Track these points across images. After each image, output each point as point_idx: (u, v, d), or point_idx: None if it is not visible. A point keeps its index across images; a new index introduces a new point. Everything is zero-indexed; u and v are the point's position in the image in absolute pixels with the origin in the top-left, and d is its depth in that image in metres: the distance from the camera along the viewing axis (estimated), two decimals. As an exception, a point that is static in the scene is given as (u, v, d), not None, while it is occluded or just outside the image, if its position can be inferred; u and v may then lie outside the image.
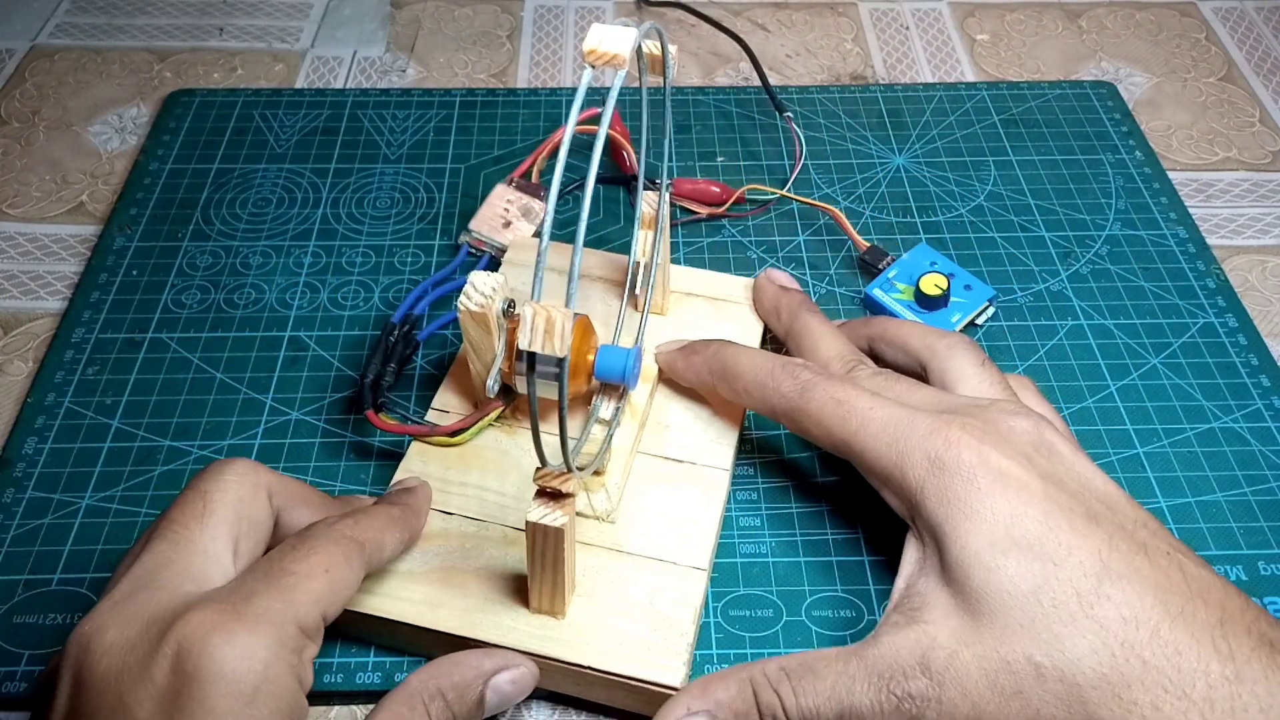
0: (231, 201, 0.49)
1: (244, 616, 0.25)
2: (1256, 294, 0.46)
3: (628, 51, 0.26)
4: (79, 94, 0.56)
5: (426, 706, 0.28)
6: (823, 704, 0.28)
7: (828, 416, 0.32)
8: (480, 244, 0.45)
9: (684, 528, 0.34)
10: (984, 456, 0.29)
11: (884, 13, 0.62)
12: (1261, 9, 0.62)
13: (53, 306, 0.45)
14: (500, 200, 0.46)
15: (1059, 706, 0.26)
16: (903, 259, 0.44)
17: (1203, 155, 0.53)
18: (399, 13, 0.62)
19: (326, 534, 0.29)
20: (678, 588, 0.33)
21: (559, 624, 0.32)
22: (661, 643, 0.31)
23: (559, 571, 0.30)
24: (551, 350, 0.24)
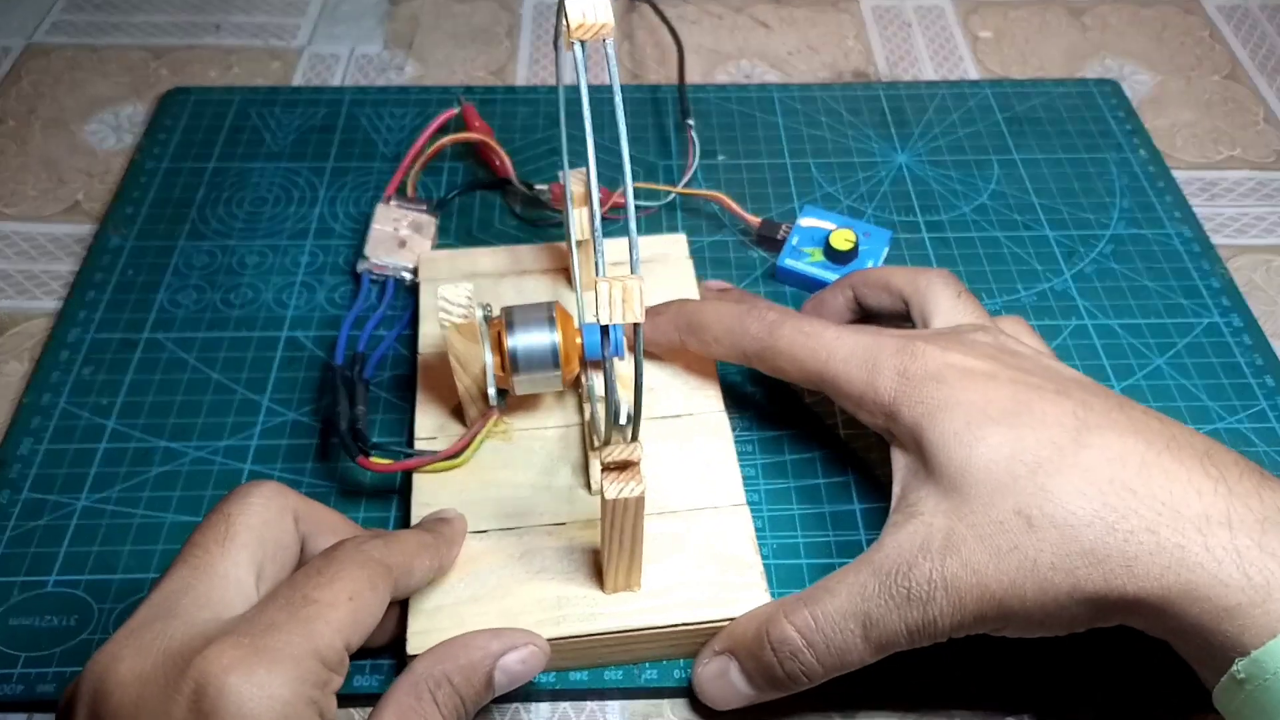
0: (228, 200, 0.48)
1: (263, 652, 0.24)
2: (1261, 293, 0.46)
3: (612, 17, 0.26)
4: (75, 92, 0.55)
5: (434, 694, 0.27)
6: (843, 620, 0.28)
7: (798, 350, 0.33)
8: (380, 269, 0.43)
9: (709, 472, 0.35)
10: (949, 359, 0.31)
11: (886, 9, 0.62)
12: (1266, 7, 0.62)
13: (48, 306, 0.45)
14: (387, 222, 0.44)
15: (1055, 552, 0.26)
16: (797, 225, 0.45)
17: (1207, 154, 0.53)
18: (397, 9, 0.61)
19: (353, 556, 0.28)
20: (728, 527, 0.34)
21: (638, 596, 0.32)
22: (737, 580, 0.33)
23: (637, 543, 0.30)
24: (632, 317, 0.25)
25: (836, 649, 0.29)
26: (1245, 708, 0.25)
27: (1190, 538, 0.25)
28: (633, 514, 0.29)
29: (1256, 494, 0.26)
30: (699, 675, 0.32)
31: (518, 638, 0.30)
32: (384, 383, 0.41)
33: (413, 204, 0.45)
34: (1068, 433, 0.28)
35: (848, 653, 0.29)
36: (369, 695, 0.33)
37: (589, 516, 0.34)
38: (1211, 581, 0.25)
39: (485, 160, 0.49)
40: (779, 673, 0.30)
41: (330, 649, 0.25)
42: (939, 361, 0.31)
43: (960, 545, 0.27)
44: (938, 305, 0.35)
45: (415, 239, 0.44)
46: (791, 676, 0.29)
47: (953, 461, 0.29)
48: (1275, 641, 0.24)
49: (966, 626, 0.28)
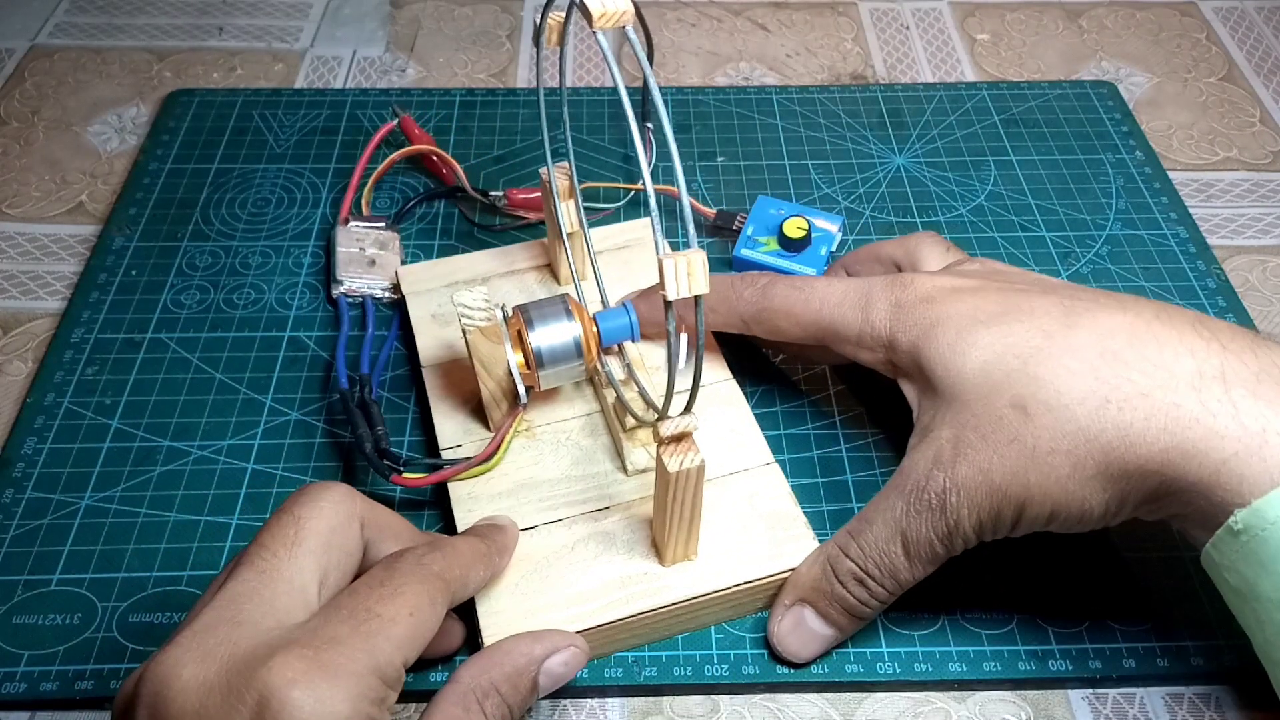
0: (231, 201, 0.49)
1: (327, 667, 0.24)
2: (1257, 294, 0.46)
3: (631, 4, 0.26)
4: (78, 94, 0.56)
5: (481, 704, 0.27)
6: (885, 543, 0.30)
7: (792, 304, 0.34)
8: (354, 291, 0.43)
9: (732, 438, 0.36)
10: (937, 282, 0.32)
11: (884, 12, 0.62)
12: (1262, 9, 0.62)
13: (52, 306, 0.45)
14: (350, 243, 0.44)
15: (1052, 435, 0.27)
16: (752, 215, 0.46)
17: (1203, 155, 0.53)
18: (399, 12, 0.62)
19: (414, 571, 0.27)
20: (764, 485, 0.35)
21: (695, 565, 0.33)
22: (786, 533, 0.34)
23: (697, 512, 0.31)
24: (698, 289, 0.25)
25: (888, 570, 0.30)
26: (1240, 561, 0.25)
27: (1184, 395, 0.25)
28: (694, 483, 0.30)
29: (1251, 351, 0.26)
30: (778, 632, 0.32)
31: (558, 640, 0.30)
32: (386, 383, 0.41)
33: (371, 222, 0.46)
34: (1056, 320, 0.28)
35: (898, 572, 0.30)
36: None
37: (631, 498, 0.35)
38: (1208, 434, 0.25)
39: (433, 170, 0.49)
40: (853, 603, 0.31)
41: (390, 665, 0.25)
42: (928, 285, 0.32)
43: (966, 449, 0.28)
44: (929, 259, 0.36)
45: (383, 256, 0.44)
46: (865, 603, 0.31)
47: (949, 372, 0.29)
48: (1277, 491, 0.24)
49: (990, 526, 0.29)
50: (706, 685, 0.33)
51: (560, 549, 0.34)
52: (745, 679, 0.33)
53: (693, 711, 0.33)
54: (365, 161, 0.47)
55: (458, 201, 0.48)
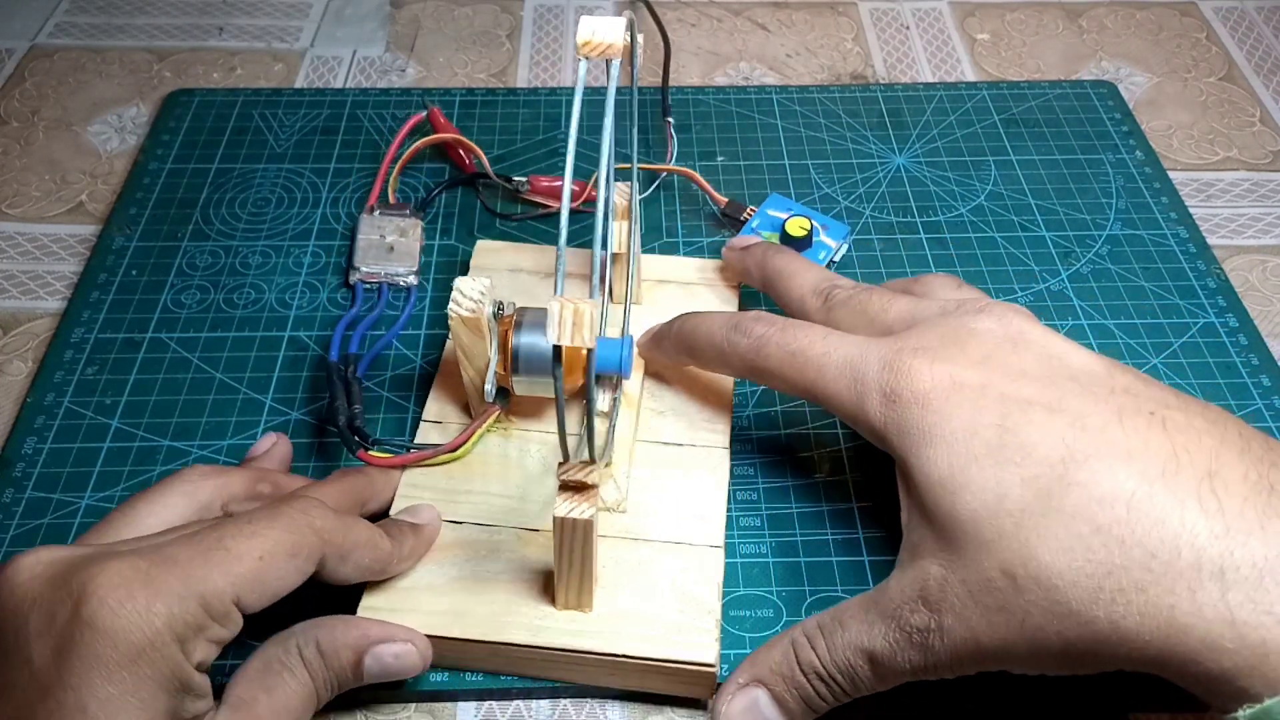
0: (231, 201, 0.49)
1: (152, 581, 0.25)
2: (1257, 294, 0.46)
3: (621, 40, 0.26)
4: (78, 94, 0.56)
5: (301, 651, 0.29)
6: (852, 653, 0.29)
7: (785, 370, 0.32)
8: (372, 277, 0.44)
9: (694, 508, 0.35)
10: (937, 377, 0.28)
11: (884, 12, 0.62)
12: (1262, 9, 0.62)
13: (52, 306, 0.45)
14: (372, 230, 0.45)
15: (1043, 613, 0.25)
16: (761, 209, 0.46)
17: (1203, 155, 0.53)
18: (399, 12, 0.62)
19: (288, 517, 0.28)
20: (698, 567, 0.33)
21: (587, 617, 0.32)
22: (691, 622, 0.32)
23: (587, 564, 0.30)
24: (582, 342, 0.25)
25: (850, 678, 0.29)
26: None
27: (1181, 596, 0.23)
28: (581, 536, 0.29)
29: (1259, 527, 0.23)
30: (727, 713, 0.30)
31: (398, 633, 0.30)
32: (385, 382, 0.41)
33: (395, 210, 0.46)
34: (1054, 469, 0.26)
35: (858, 684, 0.29)
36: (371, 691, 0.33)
37: None
38: (1202, 646, 0.23)
39: (456, 160, 0.50)
40: (810, 694, 0.30)
41: (218, 597, 0.26)
42: (925, 380, 0.29)
43: (954, 600, 0.27)
44: (938, 292, 0.35)
45: (402, 243, 0.44)
46: (823, 698, 0.30)
47: (940, 509, 0.27)
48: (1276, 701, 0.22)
49: (968, 670, 0.28)
50: (707, 685, 0.33)
51: (473, 554, 0.33)
52: (745, 679, 0.33)
53: (695, 714, 0.33)
54: (394, 150, 0.47)
55: (479, 191, 0.49)
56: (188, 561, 0.26)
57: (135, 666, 0.24)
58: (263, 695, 0.28)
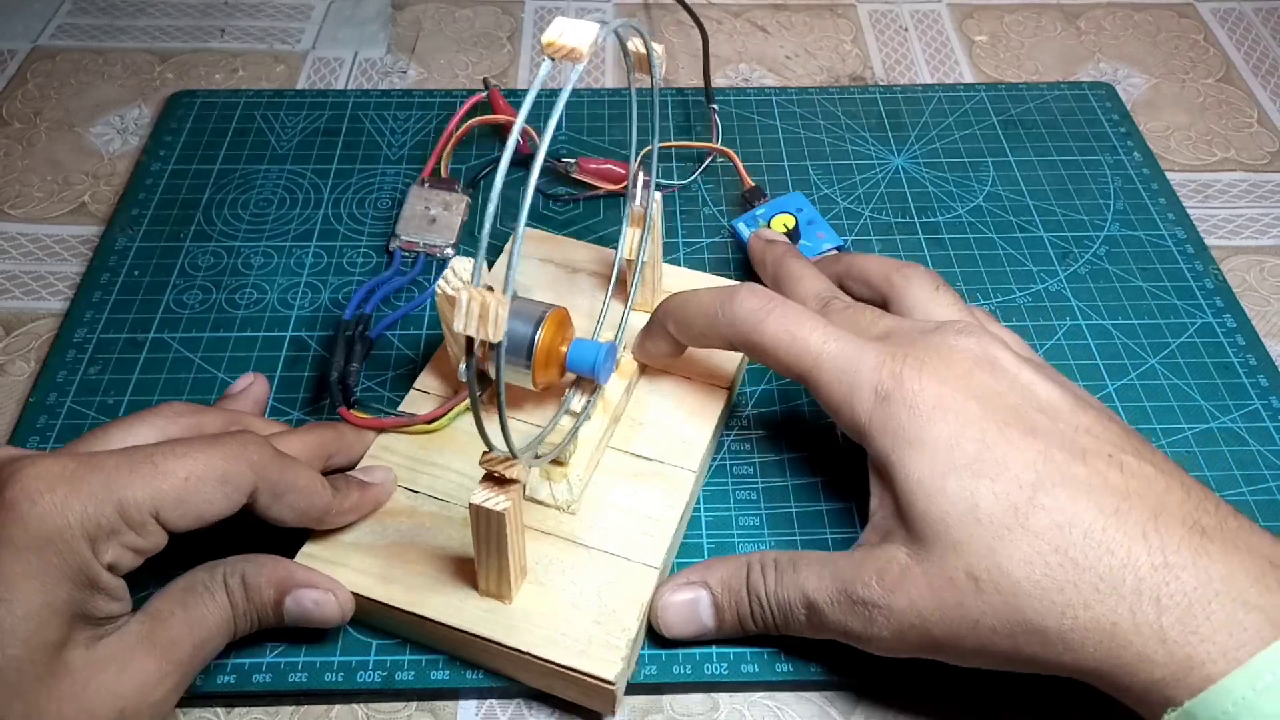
0: (233, 202, 0.49)
1: (75, 479, 0.27)
2: (1254, 294, 0.46)
3: (587, 46, 0.26)
4: (80, 95, 0.56)
5: (226, 580, 0.30)
6: (793, 595, 0.31)
7: (782, 351, 0.33)
8: (410, 246, 0.46)
9: (644, 525, 0.34)
10: (924, 385, 0.31)
11: (883, 14, 0.62)
12: (1260, 10, 0.63)
13: (54, 307, 0.45)
14: (419, 201, 0.47)
15: (997, 617, 0.28)
16: (776, 200, 0.46)
17: (1201, 156, 0.53)
18: (400, 14, 0.62)
19: (224, 446, 0.29)
20: (627, 584, 0.33)
21: (506, 608, 0.32)
22: (603, 636, 0.32)
23: (503, 556, 0.30)
24: (485, 335, 0.24)
25: (782, 615, 0.32)
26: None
27: (1122, 615, 0.27)
28: (495, 528, 0.29)
29: (1191, 563, 0.27)
30: (666, 599, 0.33)
31: (322, 581, 0.32)
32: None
33: (444, 185, 0.47)
34: (1024, 490, 0.28)
35: (790, 623, 0.32)
36: (372, 690, 0.33)
37: None
38: (1138, 659, 0.26)
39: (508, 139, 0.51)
40: (746, 614, 0.32)
41: (135, 506, 0.27)
42: (914, 387, 0.31)
43: (911, 587, 0.29)
44: (917, 300, 0.35)
45: (445, 216, 0.46)
46: (756, 621, 0.32)
47: (915, 507, 0.30)
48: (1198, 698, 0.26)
49: (900, 653, 0.30)
50: (706, 684, 0.33)
51: (418, 524, 0.34)
52: (745, 677, 0.33)
53: (693, 710, 0.33)
54: (453, 128, 0.48)
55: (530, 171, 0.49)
56: (114, 469, 0.27)
57: (42, 552, 0.26)
58: (179, 611, 0.29)
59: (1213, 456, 0.39)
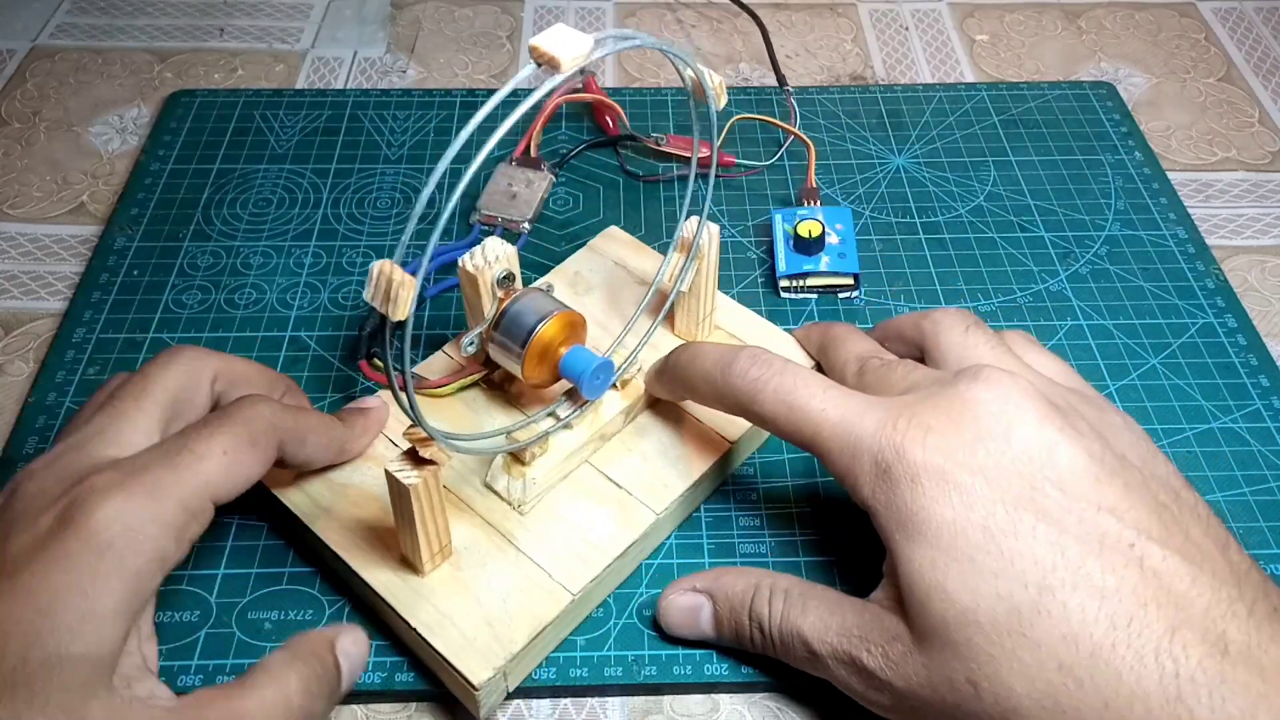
0: (232, 202, 0.49)
1: (130, 486, 0.27)
2: (1256, 294, 0.46)
3: (568, 59, 0.25)
4: (79, 94, 0.56)
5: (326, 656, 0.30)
6: (796, 636, 0.30)
7: (780, 420, 0.31)
8: (490, 219, 0.47)
9: (582, 548, 0.34)
10: (927, 456, 0.28)
11: (883, 13, 0.62)
12: (1261, 9, 0.62)
13: (53, 307, 0.45)
14: (503, 178, 0.48)
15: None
16: (828, 208, 0.46)
17: (1202, 155, 0.53)
18: (399, 14, 0.62)
19: (240, 414, 0.30)
20: (536, 598, 0.32)
21: (417, 579, 0.32)
22: (488, 640, 0.31)
23: (410, 526, 0.31)
24: (389, 313, 0.25)
25: (782, 648, 0.31)
26: None
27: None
28: (405, 500, 0.30)
29: (1208, 693, 0.24)
30: (670, 601, 0.33)
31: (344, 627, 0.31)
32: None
33: (531, 164, 0.49)
34: (1030, 590, 0.26)
35: (789, 657, 0.31)
36: (372, 692, 0.33)
37: (471, 497, 0.35)
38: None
39: (600, 124, 0.52)
40: (744, 635, 0.32)
41: (193, 494, 0.28)
42: (916, 458, 0.28)
43: (913, 674, 0.28)
44: (949, 346, 0.33)
45: (526, 193, 0.48)
46: (754, 647, 0.32)
47: (914, 599, 0.28)
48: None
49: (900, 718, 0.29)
50: (706, 684, 0.33)
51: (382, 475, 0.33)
52: (745, 678, 0.33)
53: (693, 710, 0.33)
54: (551, 108, 0.50)
55: (620, 155, 0.51)
56: (158, 466, 0.28)
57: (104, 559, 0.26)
58: None
59: (1214, 457, 0.39)
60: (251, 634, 0.34)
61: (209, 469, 0.28)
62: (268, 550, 0.36)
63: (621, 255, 0.43)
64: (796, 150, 0.51)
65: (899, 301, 0.45)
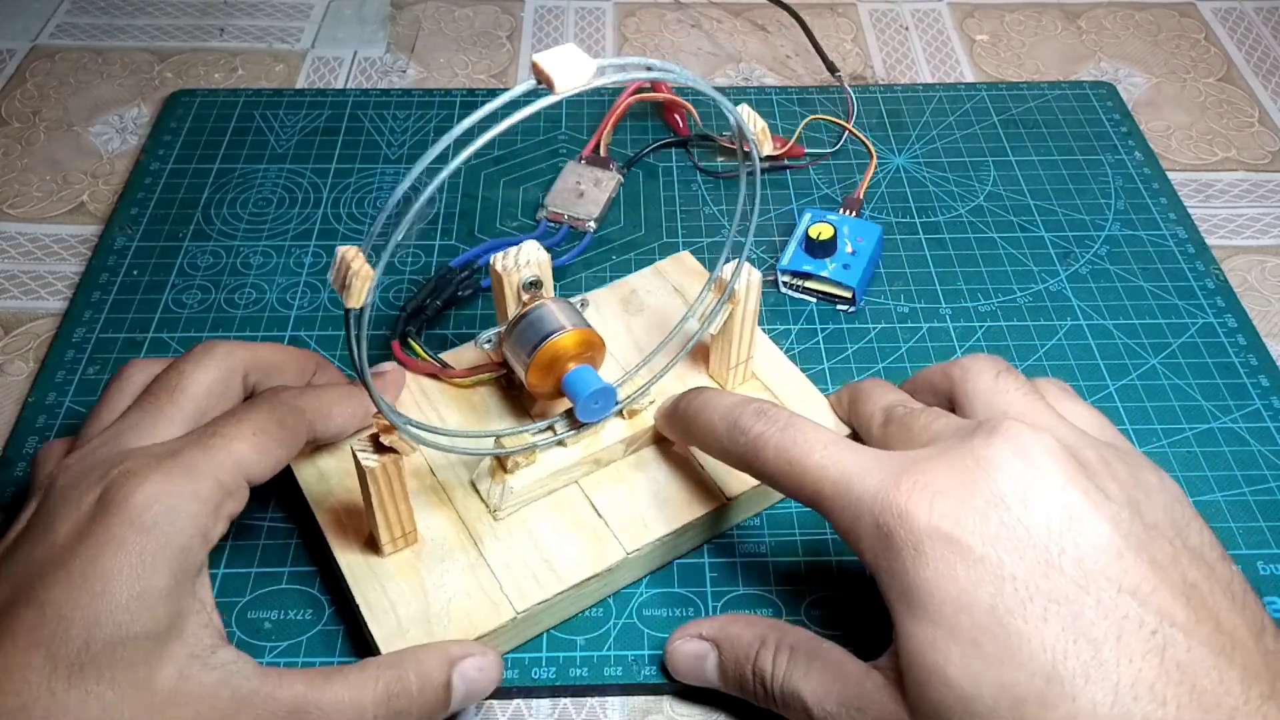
0: (232, 201, 0.49)
1: (164, 468, 0.28)
2: (1255, 294, 0.46)
3: (560, 81, 0.25)
4: (79, 94, 0.56)
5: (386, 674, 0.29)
6: (796, 697, 0.29)
7: (781, 479, 0.30)
8: (557, 216, 0.47)
9: (538, 569, 0.33)
10: (933, 522, 0.26)
11: (883, 13, 0.62)
12: (1260, 9, 0.62)
13: (53, 306, 0.45)
14: (572, 175, 0.49)
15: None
16: (853, 218, 0.46)
17: (1202, 155, 0.53)
18: (399, 13, 0.62)
19: (268, 400, 0.31)
20: (478, 610, 0.32)
21: (378, 560, 0.33)
22: (417, 637, 0.31)
23: (369, 508, 0.31)
24: (343, 300, 0.25)
25: (783, 708, 0.30)
26: None
27: None
28: (365, 480, 0.30)
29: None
30: (677, 647, 0.32)
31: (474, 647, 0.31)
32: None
33: (600, 163, 0.49)
34: (1035, 681, 0.24)
35: (788, 712, 0.30)
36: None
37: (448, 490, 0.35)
38: None
39: (670, 124, 0.52)
40: (749, 691, 0.31)
41: (226, 473, 0.29)
42: (921, 522, 0.26)
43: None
44: (978, 393, 0.31)
45: (593, 192, 0.48)
46: (755, 700, 0.31)
47: (913, 676, 0.26)
48: None
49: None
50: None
51: None
52: (745, 677, 0.33)
53: (693, 712, 0.33)
54: (620, 107, 0.50)
55: (691, 153, 0.51)
56: (191, 450, 0.29)
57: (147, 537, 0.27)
58: None
59: (1214, 457, 0.39)
60: (251, 634, 0.34)
61: (240, 449, 0.29)
62: (267, 550, 0.36)
63: (684, 282, 0.42)
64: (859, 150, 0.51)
65: (899, 302, 0.45)
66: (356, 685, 0.28)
